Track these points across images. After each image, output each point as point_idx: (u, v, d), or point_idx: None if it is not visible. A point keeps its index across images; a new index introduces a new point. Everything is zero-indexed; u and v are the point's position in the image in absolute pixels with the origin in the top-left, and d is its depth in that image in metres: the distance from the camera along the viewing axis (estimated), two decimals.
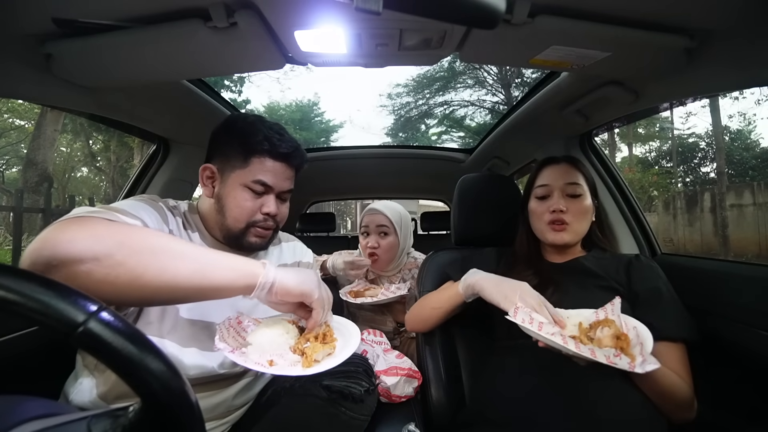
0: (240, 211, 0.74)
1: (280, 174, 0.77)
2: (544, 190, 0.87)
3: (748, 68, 0.71)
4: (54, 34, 0.65)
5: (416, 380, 0.98)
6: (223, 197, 0.75)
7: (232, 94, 10.87)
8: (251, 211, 0.75)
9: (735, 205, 8.07)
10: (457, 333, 0.98)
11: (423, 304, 0.93)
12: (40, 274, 0.29)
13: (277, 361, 0.59)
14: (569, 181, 0.85)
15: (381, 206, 1.39)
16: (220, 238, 0.78)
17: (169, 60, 0.76)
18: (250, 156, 0.74)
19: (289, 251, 0.92)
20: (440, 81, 12.02)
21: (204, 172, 0.77)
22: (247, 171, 0.74)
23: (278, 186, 0.77)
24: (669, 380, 0.66)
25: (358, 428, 0.74)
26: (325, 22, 0.65)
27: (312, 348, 0.61)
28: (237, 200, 0.74)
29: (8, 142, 11.04)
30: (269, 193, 0.77)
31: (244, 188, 0.74)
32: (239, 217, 0.74)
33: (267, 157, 0.75)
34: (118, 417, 0.29)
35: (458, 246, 1.10)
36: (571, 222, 0.83)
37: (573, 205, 0.84)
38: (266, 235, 0.78)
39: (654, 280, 0.78)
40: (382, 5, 0.30)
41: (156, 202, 0.72)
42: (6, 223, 7.19)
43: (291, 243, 0.95)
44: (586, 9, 0.63)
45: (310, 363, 0.58)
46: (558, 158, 0.91)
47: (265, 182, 0.75)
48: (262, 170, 0.74)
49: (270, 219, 0.77)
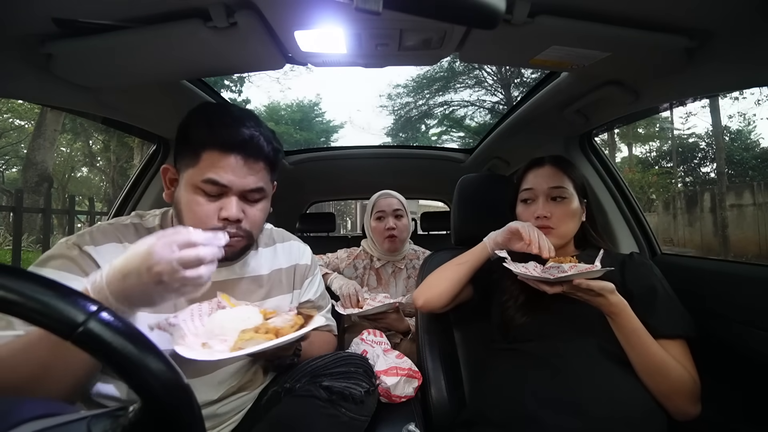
0: (192, 217, 0.64)
1: (238, 170, 0.64)
2: (529, 194, 0.87)
3: (748, 68, 0.71)
4: (54, 34, 0.65)
5: (416, 380, 0.98)
6: (177, 202, 0.66)
7: (232, 94, 10.89)
8: (207, 216, 0.64)
9: (735, 205, 8.08)
10: (457, 334, 0.98)
11: (443, 267, 0.91)
12: (41, 274, 0.29)
13: (211, 345, 0.56)
14: (553, 185, 0.85)
15: (392, 192, 1.51)
16: None
17: (169, 60, 0.76)
18: (200, 150, 0.63)
19: (284, 253, 0.85)
20: (440, 81, 12.03)
21: (165, 174, 0.69)
22: (197, 169, 0.63)
23: (237, 184, 0.64)
24: (663, 356, 0.67)
25: (358, 429, 0.74)
26: (325, 22, 0.65)
27: (247, 334, 0.58)
28: (189, 205, 0.64)
29: (8, 142, 11.05)
30: (227, 194, 0.65)
31: (195, 190, 0.63)
32: (194, 224, 0.62)
33: (216, 151, 0.63)
34: (118, 417, 0.29)
35: (458, 246, 1.10)
36: (557, 226, 0.83)
37: (558, 209, 0.83)
38: (233, 245, 0.66)
39: (648, 278, 0.77)
40: (382, 5, 0.30)
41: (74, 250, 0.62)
42: (6, 223, 7.19)
43: (287, 243, 0.87)
44: (586, 9, 0.63)
45: (235, 348, 0.56)
46: (543, 160, 0.89)
47: (217, 181, 0.63)
48: (213, 167, 0.63)
49: (231, 225, 0.65)
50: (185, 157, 0.65)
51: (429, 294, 0.90)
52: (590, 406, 0.65)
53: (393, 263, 1.49)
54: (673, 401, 0.67)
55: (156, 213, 0.74)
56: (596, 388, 0.66)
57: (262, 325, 0.61)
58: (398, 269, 1.49)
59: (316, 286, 0.90)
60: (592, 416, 0.64)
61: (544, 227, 0.83)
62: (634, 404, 0.66)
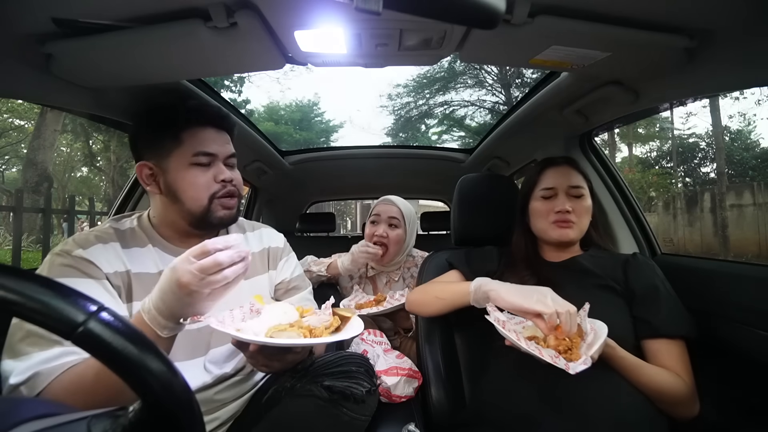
0: (196, 188, 0.73)
1: (217, 139, 0.76)
2: (549, 191, 0.88)
3: (748, 68, 0.71)
4: (54, 34, 0.65)
5: (416, 380, 0.98)
6: (172, 185, 0.73)
7: (232, 94, 10.89)
8: (207, 184, 0.74)
9: (735, 205, 8.07)
10: (457, 333, 0.98)
11: (427, 290, 0.92)
12: (41, 274, 0.29)
13: (243, 329, 0.61)
14: (573, 184, 0.86)
15: (395, 199, 1.39)
16: (182, 233, 0.77)
17: (169, 60, 0.76)
18: (180, 133, 0.73)
19: (255, 240, 0.90)
20: (440, 81, 12.02)
21: (142, 171, 0.75)
22: (184, 148, 0.73)
23: (221, 152, 0.76)
24: (658, 379, 0.67)
25: (359, 428, 0.74)
26: (325, 22, 0.65)
27: (281, 326, 0.62)
28: (188, 180, 0.73)
29: (8, 142, 11.05)
30: (216, 161, 0.76)
31: (190, 166, 0.73)
32: (198, 195, 0.73)
33: (196, 128, 0.74)
34: (118, 417, 0.29)
35: (458, 246, 1.10)
36: (577, 221, 0.85)
37: (577, 205, 0.85)
38: (232, 205, 0.77)
39: (651, 278, 0.78)
40: (382, 5, 0.30)
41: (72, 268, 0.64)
42: (6, 223, 7.20)
43: (257, 231, 0.93)
44: (586, 9, 0.63)
45: (267, 335, 0.60)
46: (558, 160, 0.91)
47: (207, 151, 0.74)
48: (198, 141, 0.74)
49: (229, 185, 0.76)
50: (164, 146, 0.73)
51: (416, 308, 0.94)
52: (590, 408, 0.65)
53: (387, 274, 1.41)
54: (671, 410, 0.68)
55: (132, 216, 0.79)
56: (596, 391, 0.66)
57: (297, 322, 0.64)
58: (392, 281, 1.39)
59: (292, 267, 0.93)
60: (592, 418, 0.64)
61: (566, 221, 0.84)
62: (633, 407, 0.66)
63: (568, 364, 0.59)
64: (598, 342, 0.62)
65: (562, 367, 0.58)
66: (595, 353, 0.61)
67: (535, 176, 0.92)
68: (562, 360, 0.60)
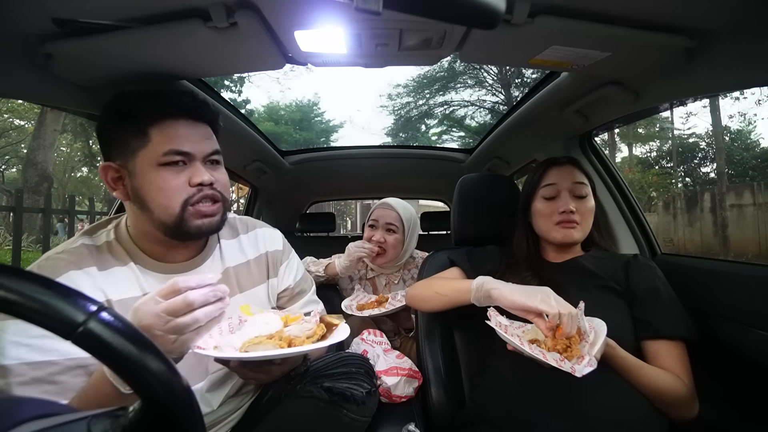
0: (166, 194, 0.60)
1: (192, 134, 0.63)
2: (551, 190, 0.87)
3: (748, 68, 0.71)
4: (54, 34, 0.65)
5: (416, 380, 0.98)
6: (140, 190, 0.61)
7: (232, 94, 10.89)
8: (179, 188, 0.61)
9: (735, 205, 8.07)
10: (457, 333, 0.98)
11: (428, 285, 0.91)
12: (41, 274, 0.29)
13: (225, 343, 0.58)
14: (576, 181, 0.86)
15: (395, 203, 1.37)
16: (161, 244, 0.66)
17: (169, 60, 0.76)
18: (146, 127, 0.61)
19: (250, 244, 0.80)
20: (440, 81, 12.02)
21: (107, 174, 0.63)
22: (151, 147, 0.60)
23: (198, 150, 0.63)
24: (657, 380, 0.67)
25: (359, 430, 0.74)
26: (325, 22, 0.65)
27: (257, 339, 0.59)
28: (156, 184, 0.60)
29: (8, 142, 11.05)
30: (191, 162, 0.63)
31: (159, 167, 0.60)
32: (168, 203, 0.61)
33: (165, 120, 0.61)
34: (118, 417, 0.29)
35: (458, 246, 1.10)
36: (581, 221, 0.84)
37: (581, 205, 0.85)
38: (212, 211, 0.64)
39: (652, 280, 0.78)
40: (382, 5, 0.30)
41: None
42: (6, 223, 7.19)
43: (252, 233, 0.81)
44: (586, 9, 0.63)
45: (242, 350, 0.57)
46: (561, 160, 0.91)
47: (180, 149, 0.61)
48: (168, 137, 0.61)
49: (207, 188, 0.63)
50: (128, 143, 0.61)
51: (416, 303, 0.94)
52: (590, 409, 0.65)
53: (386, 275, 1.41)
54: (670, 411, 0.68)
55: (109, 225, 0.69)
56: (596, 391, 0.66)
57: (277, 333, 0.60)
58: (392, 282, 1.40)
59: (294, 270, 0.85)
60: (592, 418, 0.64)
61: (570, 222, 0.83)
62: (633, 408, 0.66)
63: (574, 367, 0.57)
64: (600, 341, 0.62)
65: (567, 371, 0.57)
66: (598, 353, 0.61)
67: (538, 176, 0.91)
68: (568, 363, 0.59)
